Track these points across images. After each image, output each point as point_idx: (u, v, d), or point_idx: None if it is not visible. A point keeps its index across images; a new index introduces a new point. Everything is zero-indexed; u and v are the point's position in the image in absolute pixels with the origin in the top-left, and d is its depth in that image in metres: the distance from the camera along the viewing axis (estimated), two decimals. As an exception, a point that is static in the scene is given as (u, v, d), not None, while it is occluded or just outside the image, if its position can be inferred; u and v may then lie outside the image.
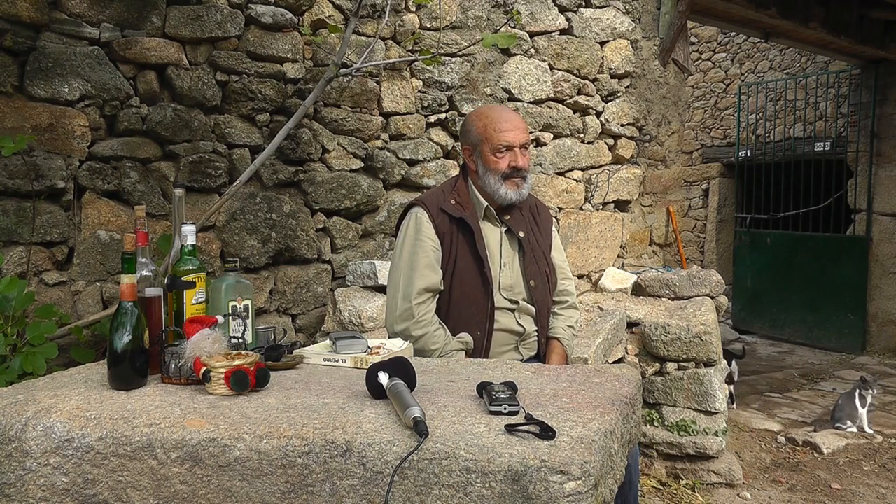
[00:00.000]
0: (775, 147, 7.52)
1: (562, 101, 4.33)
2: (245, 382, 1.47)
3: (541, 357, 2.25)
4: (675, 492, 3.37)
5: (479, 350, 2.14)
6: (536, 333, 2.25)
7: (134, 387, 1.51)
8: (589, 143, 4.49)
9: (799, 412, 4.66)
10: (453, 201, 2.22)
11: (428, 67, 3.71)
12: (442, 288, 2.17)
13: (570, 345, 2.34)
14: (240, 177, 3.02)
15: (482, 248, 2.18)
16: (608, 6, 4.49)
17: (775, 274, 7.25)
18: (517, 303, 2.21)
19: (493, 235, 2.24)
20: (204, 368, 1.48)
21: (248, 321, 1.76)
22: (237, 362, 1.49)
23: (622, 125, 4.63)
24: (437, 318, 2.15)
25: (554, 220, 2.49)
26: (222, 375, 1.46)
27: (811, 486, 3.51)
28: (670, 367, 3.56)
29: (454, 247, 2.19)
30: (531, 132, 4.17)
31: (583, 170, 4.48)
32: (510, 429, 1.23)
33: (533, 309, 2.24)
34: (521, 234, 2.25)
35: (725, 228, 8.75)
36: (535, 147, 4.23)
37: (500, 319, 2.19)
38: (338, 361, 1.77)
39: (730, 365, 4.60)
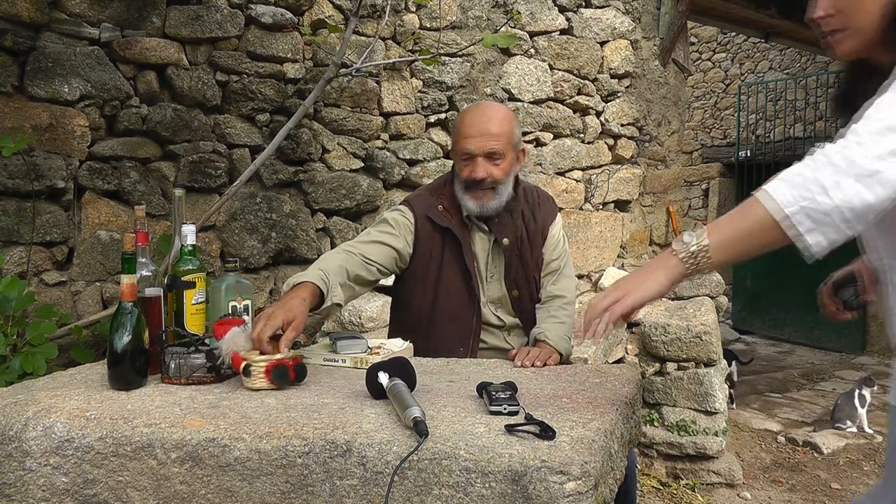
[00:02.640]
0: (775, 147, 7.52)
1: (562, 101, 4.33)
2: (286, 376, 1.50)
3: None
4: (675, 492, 3.37)
5: None
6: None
7: (134, 387, 1.51)
8: (589, 143, 4.49)
9: (799, 412, 4.66)
10: (441, 207, 2.07)
11: (428, 67, 3.71)
12: (373, 276, 1.97)
13: (564, 346, 1.98)
14: (240, 177, 3.02)
15: (470, 260, 2.04)
16: (608, 6, 4.49)
17: (775, 274, 7.26)
18: (504, 321, 2.09)
19: (480, 244, 2.09)
20: (244, 363, 1.49)
21: (249, 321, 1.77)
22: (277, 356, 1.51)
23: (622, 125, 4.63)
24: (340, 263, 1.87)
25: (559, 214, 2.27)
26: (263, 369, 1.48)
27: (811, 486, 3.51)
28: (670, 367, 3.56)
29: (438, 257, 2.04)
30: (530, 132, 4.17)
31: (583, 170, 4.48)
32: (510, 429, 1.24)
33: (519, 322, 2.10)
34: (506, 241, 2.08)
35: (725, 228, 8.74)
36: (535, 147, 4.23)
37: (486, 339, 2.09)
38: (338, 361, 1.77)
39: (730, 365, 4.61)
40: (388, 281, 2.27)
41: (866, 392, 4.19)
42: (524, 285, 2.10)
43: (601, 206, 4.63)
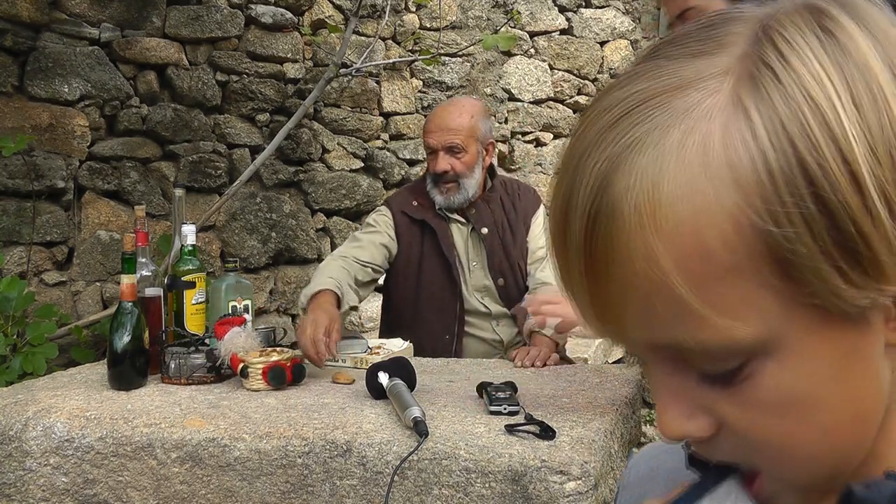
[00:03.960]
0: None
1: (562, 101, 4.32)
2: (283, 377, 1.50)
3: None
4: (674, 492, 3.37)
5: (448, 355, 2.03)
6: (520, 338, 2.12)
7: (134, 387, 1.51)
8: (589, 143, 4.49)
9: (799, 412, 4.67)
10: (415, 202, 2.16)
11: (428, 67, 3.71)
12: (370, 277, 2.07)
13: (560, 336, 1.95)
14: (240, 177, 3.02)
15: (449, 248, 2.10)
16: (608, 6, 4.49)
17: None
18: (489, 309, 2.11)
19: (459, 234, 2.16)
20: (242, 364, 1.50)
21: (249, 321, 1.77)
22: (274, 358, 1.52)
23: (622, 125, 4.63)
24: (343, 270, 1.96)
25: (542, 205, 2.31)
26: (260, 371, 1.49)
27: (811, 486, 3.51)
28: (670, 367, 3.57)
29: (418, 249, 2.11)
30: (530, 132, 4.17)
31: (583, 170, 4.48)
32: (510, 429, 1.23)
33: (508, 311, 2.12)
34: (485, 230, 2.14)
35: (725, 228, 8.76)
36: (535, 147, 4.23)
37: (475, 332, 2.11)
38: (338, 361, 1.77)
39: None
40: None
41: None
42: (509, 273, 2.15)
43: (601, 206, 4.63)
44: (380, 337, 2.17)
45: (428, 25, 3.73)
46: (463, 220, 2.17)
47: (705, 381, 0.36)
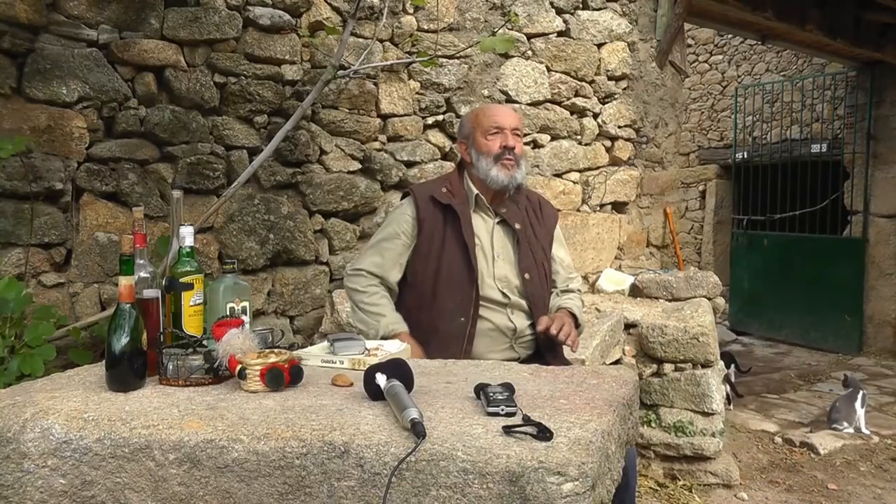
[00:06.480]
0: (772, 149, 7.54)
1: (559, 103, 4.33)
2: (280, 379, 1.50)
3: (540, 355, 2.22)
4: (672, 493, 3.37)
5: (462, 337, 2.14)
6: (531, 330, 2.22)
7: (132, 388, 1.52)
8: (586, 144, 4.49)
9: (796, 413, 4.67)
10: (444, 189, 2.28)
11: (425, 69, 3.71)
12: (391, 279, 2.26)
13: (580, 316, 2.32)
14: (238, 178, 3.02)
15: (469, 234, 2.21)
16: (605, 8, 4.50)
17: (772, 275, 7.26)
18: (509, 297, 2.21)
19: (483, 225, 2.27)
20: (240, 366, 1.50)
21: (247, 323, 1.77)
22: (272, 359, 1.52)
23: (619, 127, 4.63)
24: (385, 296, 2.24)
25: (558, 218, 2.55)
26: (258, 372, 1.49)
27: (808, 486, 3.52)
28: (667, 368, 3.57)
29: (441, 233, 2.22)
30: (528, 133, 4.18)
31: (580, 171, 4.49)
32: (508, 430, 1.24)
33: (525, 304, 2.22)
34: (518, 225, 2.27)
35: (722, 230, 8.77)
36: (532, 149, 4.23)
37: (489, 317, 2.18)
38: (335, 363, 1.77)
39: (728, 367, 4.61)
40: None
41: (857, 393, 4.21)
42: (534, 269, 2.28)
43: (598, 208, 4.63)
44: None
45: (425, 27, 3.74)
46: (491, 212, 2.28)
47: None
